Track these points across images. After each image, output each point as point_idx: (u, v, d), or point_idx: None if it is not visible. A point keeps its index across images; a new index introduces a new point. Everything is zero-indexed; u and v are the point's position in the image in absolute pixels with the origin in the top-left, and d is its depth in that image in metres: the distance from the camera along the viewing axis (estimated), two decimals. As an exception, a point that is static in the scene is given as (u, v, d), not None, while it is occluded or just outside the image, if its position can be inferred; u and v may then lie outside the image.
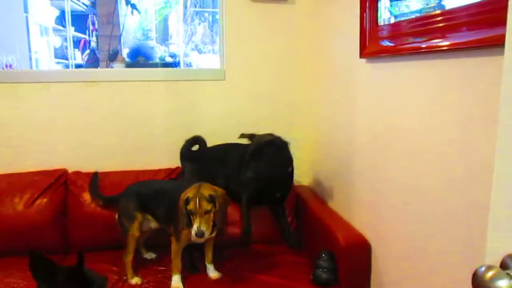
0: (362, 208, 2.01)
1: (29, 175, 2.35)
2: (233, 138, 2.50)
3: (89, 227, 2.27)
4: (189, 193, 1.84)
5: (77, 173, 2.40)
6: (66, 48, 6.09)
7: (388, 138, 1.73)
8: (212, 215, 1.83)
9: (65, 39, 6.11)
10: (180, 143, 2.40)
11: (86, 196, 2.30)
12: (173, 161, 2.44)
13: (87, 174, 2.39)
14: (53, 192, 2.30)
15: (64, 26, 5.95)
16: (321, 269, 1.93)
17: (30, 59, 4.52)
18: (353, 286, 1.92)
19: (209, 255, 2.07)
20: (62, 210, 2.30)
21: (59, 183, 2.34)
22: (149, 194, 2.11)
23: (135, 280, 2.01)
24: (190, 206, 1.81)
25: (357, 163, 2.05)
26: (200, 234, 1.78)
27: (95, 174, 2.35)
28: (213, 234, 1.97)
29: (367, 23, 1.84)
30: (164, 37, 3.07)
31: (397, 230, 1.69)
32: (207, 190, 1.85)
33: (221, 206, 1.87)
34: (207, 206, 1.80)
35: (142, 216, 2.09)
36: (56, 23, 5.93)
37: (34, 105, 2.45)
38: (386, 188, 1.76)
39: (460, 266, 1.30)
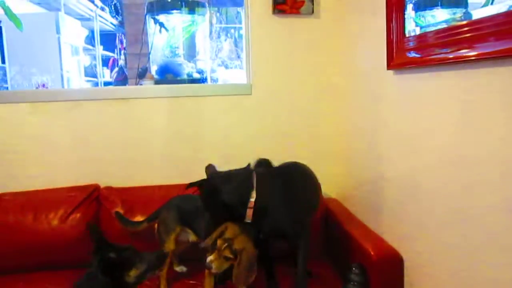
0: (393, 221, 1.98)
1: (62, 191, 2.42)
2: (261, 152, 2.52)
3: (122, 241, 2.28)
4: (227, 232, 1.79)
5: (109, 189, 2.45)
6: (95, 66, 6.27)
7: (418, 149, 1.71)
8: (229, 263, 1.78)
9: (94, 58, 6.30)
10: (208, 158, 2.42)
11: (118, 211, 2.34)
12: (196, 176, 2.44)
13: (119, 189, 2.45)
14: (86, 207, 2.35)
15: (93, 46, 6.13)
16: (352, 283, 1.91)
17: (62, 78, 4.67)
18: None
19: None
20: (96, 225, 2.34)
21: (92, 198, 2.40)
22: (191, 207, 2.13)
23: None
24: (218, 242, 1.78)
25: (386, 175, 2.03)
26: (208, 267, 1.78)
27: (117, 212, 2.33)
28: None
29: (394, 35, 1.84)
30: (191, 54, 3.13)
31: (432, 244, 1.66)
32: (239, 243, 1.77)
33: (243, 263, 1.76)
34: (228, 254, 1.75)
35: (181, 228, 2.12)
36: (86, 42, 6.12)
37: (67, 123, 2.53)
38: (418, 201, 1.74)
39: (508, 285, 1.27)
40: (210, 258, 1.79)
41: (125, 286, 1.59)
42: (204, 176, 1.89)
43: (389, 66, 1.89)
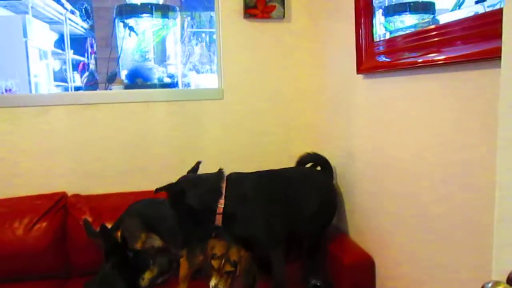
0: (364, 224, 1.99)
1: (28, 199, 2.34)
2: (232, 157, 2.52)
3: (90, 250, 2.24)
4: (217, 250, 1.81)
5: (77, 196, 2.39)
6: (65, 71, 6.13)
7: (387, 153, 1.72)
8: (230, 277, 1.80)
9: (64, 62, 6.15)
10: (180, 163, 2.39)
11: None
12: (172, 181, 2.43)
13: (87, 196, 2.39)
14: (52, 216, 2.28)
15: (63, 50, 6.00)
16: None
17: (30, 83, 4.53)
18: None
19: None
20: (62, 233, 2.28)
21: (59, 206, 2.33)
22: (154, 212, 2.09)
23: None
24: (214, 263, 1.79)
25: (357, 179, 2.04)
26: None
27: (85, 220, 2.26)
28: None
29: (363, 39, 1.86)
30: (162, 58, 3.09)
31: (401, 246, 1.67)
32: (234, 254, 1.81)
33: (244, 272, 1.82)
34: (230, 268, 1.79)
35: (146, 235, 2.07)
36: (55, 46, 5.97)
37: (33, 129, 2.45)
38: (387, 204, 1.75)
39: (467, 283, 1.29)
40: (213, 282, 1.78)
41: None
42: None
43: (358, 71, 1.90)
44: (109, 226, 2.20)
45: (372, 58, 1.82)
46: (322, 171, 2.21)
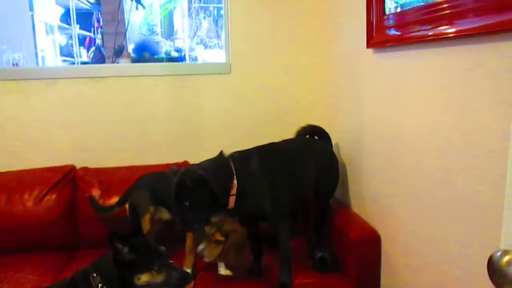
0: (371, 199, 2.00)
1: (37, 171, 2.36)
2: (238, 132, 2.51)
3: (98, 222, 2.28)
4: (213, 218, 1.84)
5: (85, 169, 2.40)
6: (72, 46, 6.10)
7: (397, 128, 1.72)
8: (221, 247, 1.85)
9: (71, 37, 6.12)
10: (187, 137, 2.40)
11: (94, 192, 2.30)
12: (179, 156, 2.46)
13: (95, 169, 2.40)
14: (61, 188, 2.31)
15: (69, 24, 5.96)
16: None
17: (37, 56, 4.53)
18: (363, 278, 1.90)
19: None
20: (71, 206, 2.30)
21: (67, 179, 2.35)
22: (163, 185, 2.08)
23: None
24: (206, 229, 1.84)
25: (365, 153, 2.03)
26: (200, 255, 1.84)
27: (91, 198, 2.28)
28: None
29: (374, 13, 1.83)
30: (170, 32, 3.06)
31: (406, 221, 1.68)
32: (228, 225, 1.84)
33: (233, 242, 1.84)
34: (220, 237, 1.83)
35: (155, 208, 2.09)
36: (61, 21, 5.94)
37: (41, 102, 2.46)
38: (395, 179, 1.75)
39: (475, 254, 1.29)
40: (201, 246, 1.81)
41: (130, 284, 1.45)
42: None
43: (368, 45, 1.87)
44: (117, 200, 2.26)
45: (383, 32, 1.79)
46: (319, 139, 2.24)
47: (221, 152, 1.86)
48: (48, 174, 2.35)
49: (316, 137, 2.26)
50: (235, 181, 1.77)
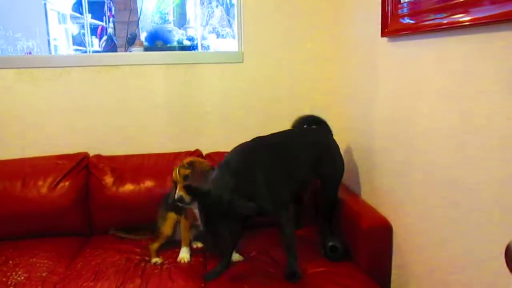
0: (384, 189, 1.99)
1: (51, 158, 2.39)
2: (251, 121, 2.52)
3: (111, 209, 2.30)
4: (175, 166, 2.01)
5: (98, 157, 2.43)
6: (84, 35, 6.12)
7: (410, 119, 1.70)
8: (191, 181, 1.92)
9: (83, 27, 6.14)
10: (199, 126, 2.41)
11: (108, 179, 2.32)
12: (190, 144, 2.50)
13: (108, 157, 2.42)
14: (75, 175, 2.33)
15: (81, 13, 5.97)
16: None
17: (49, 45, 4.55)
18: (374, 268, 1.90)
19: None
20: (85, 193, 2.33)
21: (81, 166, 2.37)
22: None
23: (155, 260, 2.02)
24: (173, 176, 1.99)
25: (377, 143, 2.03)
26: (179, 199, 1.92)
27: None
28: None
29: (389, 1, 1.80)
30: (182, 21, 3.06)
31: (419, 212, 1.67)
32: (187, 159, 2.04)
33: (198, 170, 1.97)
34: (184, 171, 1.95)
35: (176, 215, 2.12)
36: (73, 10, 5.95)
37: (54, 90, 2.48)
38: (408, 169, 1.74)
39: (490, 249, 1.29)
40: (176, 193, 1.93)
41: None
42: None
43: (383, 33, 1.86)
44: (130, 187, 2.29)
45: (397, 21, 1.77)
46: (316, 128, 2.21)
47: (225, 162, 1.85)
48: (62, 161, 2.37)
49: (314, 126, 2.22)
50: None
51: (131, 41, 2.78)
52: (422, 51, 1.61)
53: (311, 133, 2.19)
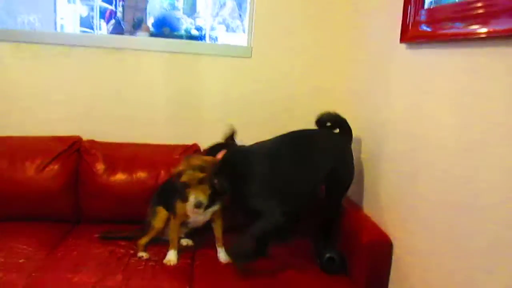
0: (386, 203, 1.89)
1: (41, 139, 2.29)
2: (256, 117, 2.44)
3: (101, 198, 2.20)
4: (181, 166, 1.80)
5: (91, 142, 2.32)
6: (92, 18, 6.03)
7: (425, 128, 1.60)
8: (207, 184, 1.79)
9: (92, 9, 6.04)
10: (201, 118, 2.32)
11: (99, 166, 2.22)
12: (188, 138, 2.39)
13: (101, 143, 2.32)
14: (65, 159, 2.22)
15: (91, -5, 5.88)
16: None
17: (55, 23, 4.45)
18: (370, 284, 1.79)
19: (219, 237, 1.98)
20: (74, 178, 2.22)
21: (72, 150, 2.26)
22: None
23: (141, 254, 1.92)
24: (184, 178, 1.77)
25: (387, 152, 1.92)
26: (198, 204, 1.76)
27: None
28: (216, 208, 1.92)
29: (412, 7, 1.70)
30: (192, 9, 2.95)
31: (424, 231, 1.57)
32: (197, 160, 1.82)
33: (208, 172, 1.81)
34: (199, 175, 1.76)
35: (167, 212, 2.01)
36: (84, -9, 5.84)
37: (54, 68, 2.38)
38: (416, 184, 1.64)
39: (502, 274, 1.19)
40: (192, 196, 1.76)
41: None
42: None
43: (402, 39, 1.75)
44: (122, 176, 2.19)
45: (417, 28, 1.67)
46: (335, 133, 2.10)
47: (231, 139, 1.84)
48: (53, 143, 2.26)
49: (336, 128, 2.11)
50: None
51: (137, 25, 2.68)
52: (439, 60, 1.52)
53: (331, 141, 2.05)
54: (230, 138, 2.01)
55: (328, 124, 2.08)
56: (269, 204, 1.81)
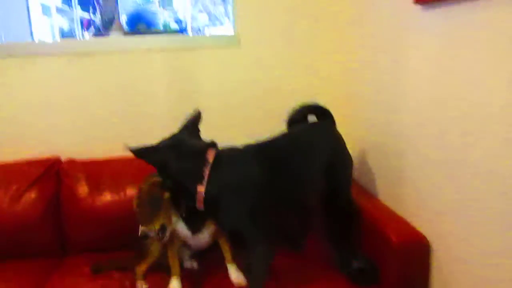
0: (416, 197, 1.61)
1: (15, 165, 2.04)
2: (248, 111, 2.24)
3: (87, 224, 1.95)
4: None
5: (71, 162, 2.07)
6: (74, 31, 5.83)
7: (451, 108, 1.33)
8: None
9: (72, 21, 5.84)
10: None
11: (82, 188, 1.97)
12: None
13: (83, 162, 2.07)
14: (43, 184, 1.98)
15: (70, 6, 5.66)
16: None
17: (32, 37, 4.23)
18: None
19: (227, 254, 1.74)
20: (54, 205, 1.98)
21: (50, 173, 2.02)
22: None
23: (140, 283, 1.69)
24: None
25: (408, 139, 1.64)
26: (144, 236, 1.58)
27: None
28: (212, 226, 1.72)
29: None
30: (168, 1, 2.69)
31: (465, 224, 1.31)
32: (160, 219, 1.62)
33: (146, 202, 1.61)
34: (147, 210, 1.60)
35: None
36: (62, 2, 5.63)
37: (20, 82, 2.13)
38: (449, 171, 1.37)
39: None
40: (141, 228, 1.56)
41: None
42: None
43: None
44: (109, 197, 1.97)
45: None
46: (321, 124, 1.82)
47: (211, 141, 1.56)
48: (28, 167, 2.02)
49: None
50: (201, 185, 1.45)
51: (109, 24, 2.41)
52: (468, 21, 1.24)
53: (316, 133, 1.76)
54: (192, 123, 1.71)
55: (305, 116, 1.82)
56: (257, 233, 1.51)
